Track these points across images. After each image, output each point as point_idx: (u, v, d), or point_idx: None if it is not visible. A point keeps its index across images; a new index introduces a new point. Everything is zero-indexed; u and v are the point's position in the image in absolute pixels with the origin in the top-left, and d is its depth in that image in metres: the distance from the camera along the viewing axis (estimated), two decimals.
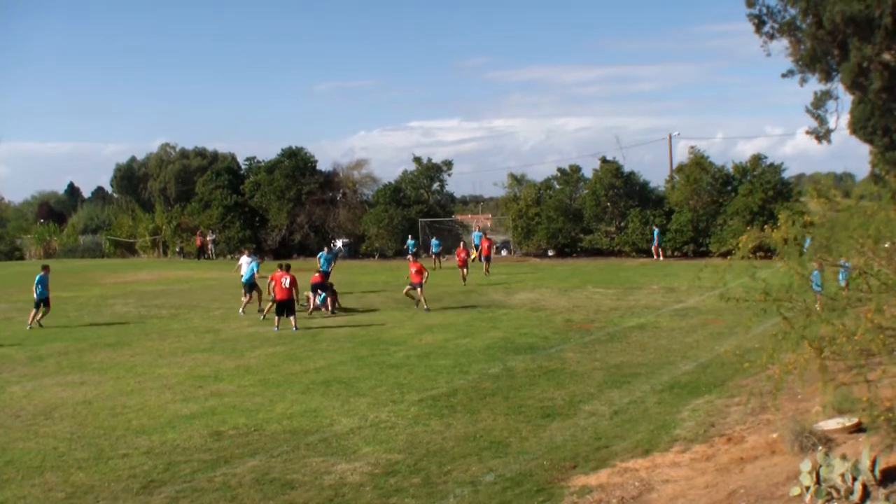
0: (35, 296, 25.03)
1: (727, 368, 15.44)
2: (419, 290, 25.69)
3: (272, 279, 23.18)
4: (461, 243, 37.07)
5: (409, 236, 47.18)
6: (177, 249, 60.94)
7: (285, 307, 22.77)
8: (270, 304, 23.77)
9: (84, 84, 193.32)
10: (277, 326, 22.59)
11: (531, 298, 28.07)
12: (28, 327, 24.61)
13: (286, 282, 22.77)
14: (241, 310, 26.37)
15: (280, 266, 24.00)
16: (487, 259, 38.16)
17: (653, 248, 44.74)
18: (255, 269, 26.40)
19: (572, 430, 12.18)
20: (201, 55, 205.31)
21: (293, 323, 22.62)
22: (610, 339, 19.80)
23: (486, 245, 38.72)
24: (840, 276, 9.80)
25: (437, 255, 44.03)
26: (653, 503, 9.15)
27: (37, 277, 25.22)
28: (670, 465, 10.31)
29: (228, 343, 21.09)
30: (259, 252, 32.68)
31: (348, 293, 29.12)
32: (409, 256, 32.84)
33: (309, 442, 12.10)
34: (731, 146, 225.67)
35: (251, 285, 26.37)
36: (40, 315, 25.10)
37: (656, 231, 44.89)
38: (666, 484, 9.64)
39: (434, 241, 45.66)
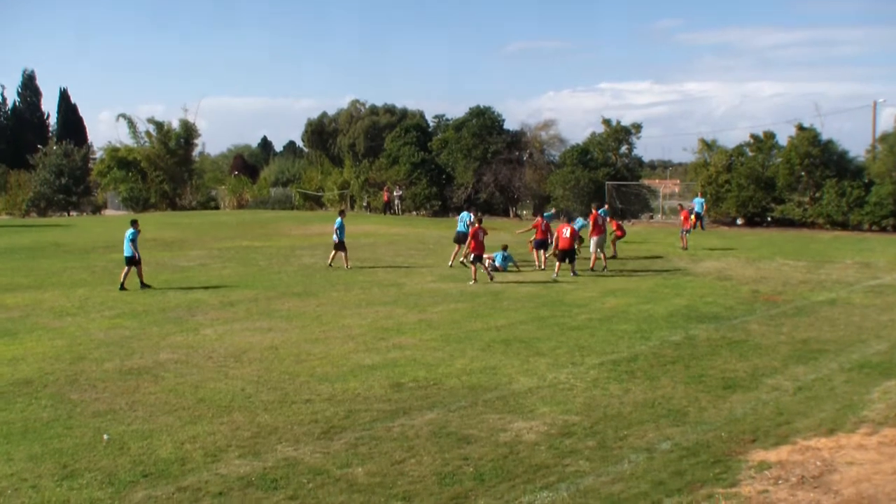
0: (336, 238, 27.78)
1: None
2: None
3: (557, 232, 26.13)
4: (563, 217, 29.67)
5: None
6: (363, 204, 62.30)
7: (567, 255, 25.54)
8: (553, 252, 26.37)
9: (280, 38, 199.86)
10: (557, 274, 25.10)
11: (717, 267, 27.47)
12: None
13: (566, 232, 25.51)
14: (452, 261, 28.01)
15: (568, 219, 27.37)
16: (689, 231, 33.68)
17: (692, 220, 37.82)
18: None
19: (753, 404, 11.94)
20: (390, 14, 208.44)
21: (573, 268, 25.61)
22: (798, 312, 19.17)
23: (685, 215, 34.52)
24: None
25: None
26: (834, 485, 8.90)
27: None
28: (856, 448, 9.98)
29: (412, 297, 21.57)
30: (445, 210, 32.28)
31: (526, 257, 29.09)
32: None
33: (487, 399, 12.27)
34: None
35: (464, 235, 27.48)
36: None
37: (699, 200, 43.16)
38: (850, 466, 9.36)
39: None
